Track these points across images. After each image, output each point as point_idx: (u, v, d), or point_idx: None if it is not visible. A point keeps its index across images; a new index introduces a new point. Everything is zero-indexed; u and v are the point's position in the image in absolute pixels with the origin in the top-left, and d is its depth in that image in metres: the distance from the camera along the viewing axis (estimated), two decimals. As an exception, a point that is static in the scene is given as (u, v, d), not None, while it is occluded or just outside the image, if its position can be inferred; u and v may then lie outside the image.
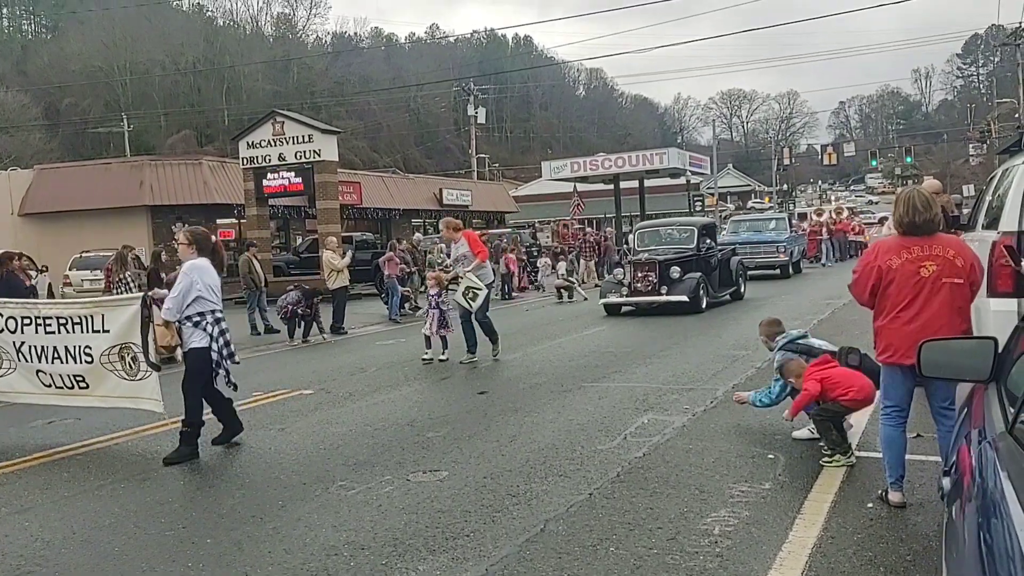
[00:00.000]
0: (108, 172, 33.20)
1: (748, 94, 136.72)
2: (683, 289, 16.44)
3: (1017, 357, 2.74)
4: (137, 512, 5.80)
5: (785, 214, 32.56)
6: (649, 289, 16.65)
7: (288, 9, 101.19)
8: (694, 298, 16.38)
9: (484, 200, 49.73)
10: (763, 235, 26.64)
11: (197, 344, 7.34)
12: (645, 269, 16.83)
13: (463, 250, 11.79)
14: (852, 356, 6.43)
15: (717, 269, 18.49)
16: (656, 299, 16.62)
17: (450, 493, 5.75)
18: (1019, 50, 51.46)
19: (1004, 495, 1.79)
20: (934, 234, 4.86)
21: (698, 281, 16.70)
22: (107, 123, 65.80)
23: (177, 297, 7.22)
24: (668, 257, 17.10)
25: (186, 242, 7.55)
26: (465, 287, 11.57)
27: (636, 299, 16.89)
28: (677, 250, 17.65)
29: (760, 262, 25.10)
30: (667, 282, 16.60)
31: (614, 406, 8.30)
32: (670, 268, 16.73)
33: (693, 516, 5.05)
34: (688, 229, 18.61)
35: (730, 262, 19.38)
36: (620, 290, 17.20)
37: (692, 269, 17.04)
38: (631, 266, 17.35)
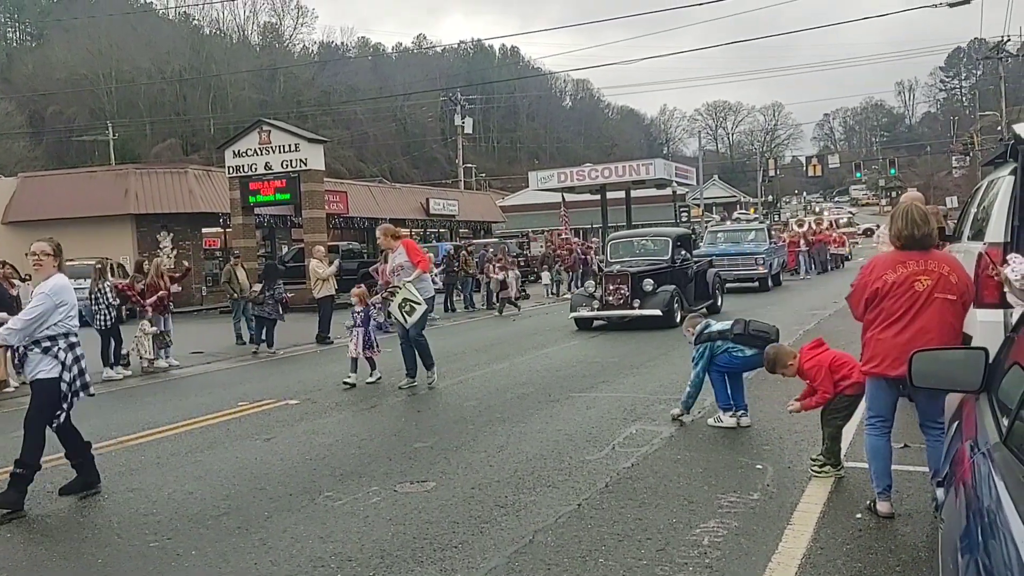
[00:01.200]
0: (93, 180, 33.04)
1: (733, 106, 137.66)
2: (656, 303, 15.85)
3: (1008, 368, 2.74)
4: (121, 523, 5.74)
5: (764, 225, 31.32)
6: (621, 302, 16.06)
7: (275, 18, 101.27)
8: (667, 312, 15.75)
9: (471, 210, 49.75)
10: (742, 247, 25.84)
11: (45, 374, 6.28)
12: (617, 282, 16.26)
13: (401, 259, 10.73)
14: (737, 325, 7.19)
15: (693, 281, 17.92)
16: (628, 313, 16.07)
17: (438, 504, 5.72)
18: (1001, 64, 51.99)
19: (1001, 505, 1.78)
20: (930, 249, 4.88)
21: (672, 294, 16.10)
22: (92, 131, 65.51)
23: (32, 320, 6.15)
24: (641, 269, 16.54)
25: (51, 252, 6.48)
26: (402, 299, 10.47)
27: (607, 313, 16.29)
28: (651, 262, 17.07)
29: (738, 274, 24.46)
30: (639, 295, 16.03)
31: (602, 416, 8.29)
32: (643, 281, 16.17)
33: (682, 527, 5.03)
34: (662, 240, 17.95)
35: (706, 274, 18.82)
36: (591, 303, 16.58)
37: (666, 281, 16.47)
38: (602, 278, 16.79)
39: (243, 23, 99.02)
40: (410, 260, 10.61)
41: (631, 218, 38.48)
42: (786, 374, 6.27)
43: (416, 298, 10.39)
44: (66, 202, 30.75)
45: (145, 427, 9.02)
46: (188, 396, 11.27)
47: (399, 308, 10.45)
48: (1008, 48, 48.84)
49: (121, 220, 30.78)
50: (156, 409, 10.27)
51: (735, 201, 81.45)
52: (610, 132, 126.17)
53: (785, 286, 26.75)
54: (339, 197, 35.59)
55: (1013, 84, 52.55)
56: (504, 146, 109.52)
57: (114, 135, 61.94)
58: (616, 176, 37.31)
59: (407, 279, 10.46)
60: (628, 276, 16.13)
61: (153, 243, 30.31)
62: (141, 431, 8.82)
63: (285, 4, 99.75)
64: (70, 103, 73.19)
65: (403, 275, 10.59)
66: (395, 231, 11.25)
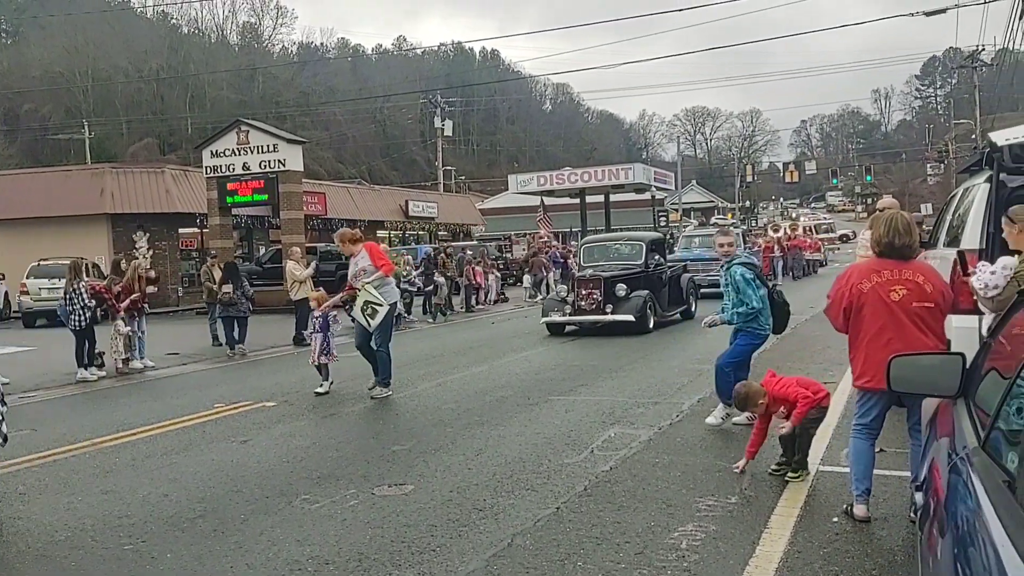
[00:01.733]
0: (68, 179, 32.73)
1: (712, 111, 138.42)
2: (629, 308, 15.58)
3: (985, 373, 2.77)
4: (95, 526, 5.67)
5: (739, 230, 30.77)
6: (593, 307, 15.77)
7: (254, 19, 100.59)
8: (640, 317, 15.51)
9: (450, 212, 49.72)
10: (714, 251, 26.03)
11: None
12: (589, 286, 15.94)
13: (364, 263, 10.29)
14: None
15: (666, 286, 17.54)
16: (600, 318, 15.76)
17: (416, 507, 5.69)
18: (976, 73, 52.62)
19: (981, 509, 1.80)
20: (909, 259, 4.91)
21: (645, 299, 15.81)
22: (68, 130, 64.85)
23: None
24: (614, 274, 16.24)
25: None
26: (364, 301, 10.05)
27: (579, 318, 15.96)
28: (624, 266, 16.75)
29: (713, 279, 24.60)
30: (612, 300, 15.71)
31: (581, 419, 8.29)
32: (615, 285, 15.86)
33: (660, 530, 5.04)
34: (636, 244, 17.57)
35: (680, 279, 18.47)
36: (563, 308, 16.25)
37: (639, 286, 16.17)
38: (575, 283, 16.50)
39: (222, 23, 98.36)
40: (372, 263, 10.21)
41: (610, 222, 38.60)
42: (756, 411, 6.20)
43: (378, 299, 10.03)
44: (40, 201, 30.43)
45: (120, 428, 8.93)
46: (163, 398, 11.17)
47: (361, 311, 10.11)
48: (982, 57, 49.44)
49: (96, 220, 30.48)
50: (131, 410, 10.17)
51: (713, 206, 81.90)
52: (590, 136, 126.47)
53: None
54: (317, 198, 35.47)
55: (987, 93, 53.09)
56: (484, 149, 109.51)
57: (90, 134, 61.38)
58: (595, 180, 37.44)
59: (367, 280, 10.11)
60: (601, 281, 15.89)
61: (129, 243, 29.99)
62: (116, 432, 8.73)
63: (264, 4, 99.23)
64: (45, 101, 72.34)
65: (364, 279, 10.19)
66: (354, 235, 10.70)
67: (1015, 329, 2.63)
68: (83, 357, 13.02)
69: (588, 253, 18.18)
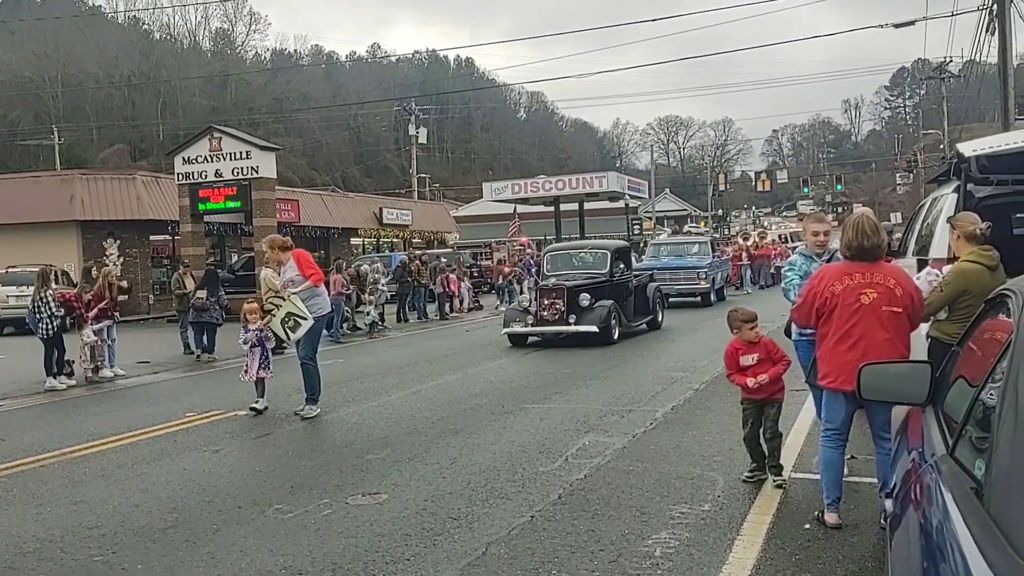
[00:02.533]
0: (37, 186, 32.32)
1: (684, 121, 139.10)
2: (593, 318, 15.11)
3: (953, 381, 2.81)
4: (64, 537, 5.60)
5: (708, 238, 30.15)
6: (556, 318, 15.23)
7: (227, 24, 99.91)
8: (604, 328, 15.08)
9: (424, 220, 49.62)
10: (684, 260, 24.86)
11: None
12: (552, 296, 15.42)
13: (292, 273, 9.60)
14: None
15: (632, 296, 17.11)
16: (563, 329, 15.25)
17: (390, 516, 5.67)
18: (944, 84, 53.38)
19: (949, 516, 1.82)
20: (878, 260, 4.97)
21: (609, 310, 15.39)
22: (37, 135, 64.06)
23: None
24: (577, 283, 15.78)
25: None
26: (285, 312, 9.35)
27: (541, 329, 15.45)
28: (588, 275, 16.35)
29: (680, 288, 23.62)
30: (575, 310, 15.21)
31: (555, 427, 8.31)
32: (579, 295, 15.37)
33: (634, 538, 5.05)
34: (601, 253, 17.13)
35: (647, 289, 18.02)
36: (525, 318, 15.67)
37: (604, 296, 15.78)
38: (537, 292, 16.01)
39: (194, 28, 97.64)
40: (301, 273, 9.55)
41: (584, 230, 38.69)
42: (745, 335, 6.04)
43: (302, 312, 9.31)
44: (9, 208, 30.03)
45: (90, 438, 8.82)
46: (134, 406, 11.05)
47: (281, 323, 9.37)
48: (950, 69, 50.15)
49: (66, 226, 30.11)
50: (101, 420, 10.05)
51: (687, 214, 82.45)
52: (564, 144, 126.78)
53: (729, 301, 24.71)
54: (291, 206, 35.24)
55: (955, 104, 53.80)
56: (458, 157, 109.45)
57: (60, 140, 60.66)
58: (570, 188, 37.47)
59: (293, 291, 9.48)
60: (564, 290, 15.40)
61: (99, 250, 29.65)
62: (85, 442, 8.62)
63: (238, 10, 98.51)
64: (14, 106, 71.47)
65: (292, 289, 9.55)
66: (284, 242, 9.97)
67: (982, 337, 2.67)
68: (52, 366, 12.86)
69: (552, 262, 17.68)
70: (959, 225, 5.51)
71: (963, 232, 5.46)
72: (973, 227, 5.42)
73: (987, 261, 5.23)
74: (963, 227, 5.48)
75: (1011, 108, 21.48)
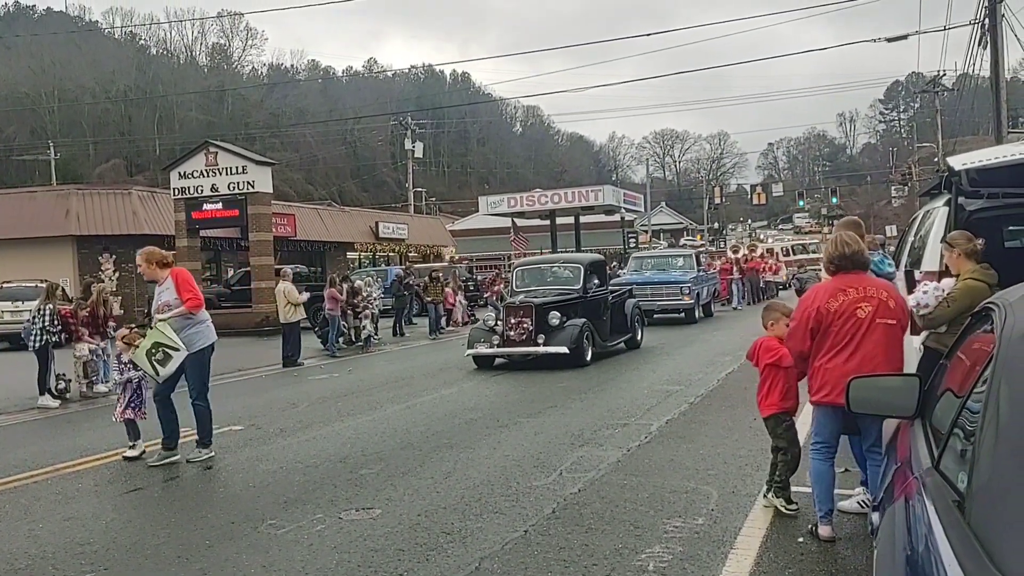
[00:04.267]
0: (33, 201, 32.35)
1: (680, 134, 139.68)
2: (563, 339, 13.97)
3: (941, 394, 2.82)
4: (56, 554, 5.57)
5: (692, 251, 28.32)
6: (523, 338, 14.13)
7: (223, 40, 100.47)
8: (576, 349, 13.94)
9: (421, 234, 49.66)
10: (667, 275, 23.35)
11: None
12: (519, 314, 14.29)
13: (168, 296, 8.13)
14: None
15: (608, 313, 16.02)
16: (531, 350, 14.12)
17: (383, 531, 5.66)
18: (937, 97, 53.66)
19: (932, 529, 1.83)
20: (866, 270, 5.00)
21: (581, 329, 14.19)
22: (33, 151, 64.11)
23: None
24: (546, 300, 14.62)
25: None
26: (152, 343, 7.89)
27: (508, 350, 14.34)
28: (560, 291, 15.20)
29: (663, 304, 22.26)
30: (544, 330, 14.09)
31: (550, 441, 8.30)
32: (548, 313, 14.23)
33: (628, 552, 5.05)
34: (574, 267, 15.94)
35: (625, 305, 16.90)
36: (491, 339, 14.54)
37: (576, 314, 14.63)
38: (504, 311, 14.84)
39: (191, 43, 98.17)
40: (178, 296, 8.08)
41: (580, 243, 38.79)
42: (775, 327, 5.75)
43: (172, 342, 7.90)
44: (5, 223, 30.05)
45: (83, 453, 8.80)
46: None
47: (147, 355, 7.88)
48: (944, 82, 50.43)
49: (62, 241, 30.12)
50: (95, 435, 10.02)
51: (683, 227, 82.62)
52: (560, 158, 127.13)
53: (718, 317, 24.82)
54: (287, 220, 35.28)
55: (949, 117, 54.09)
56: (455, 171, 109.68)
57: (56, 155, 60.70)
58: (565, 202, 37.63)
59: (163, 317, 8.01)
60: (532, 308, 14.24)
61: (95, 265, 29.67)
62: (78, 458, 8.60)
63: (234, 25, 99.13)
64: (10, 121, 71.61)
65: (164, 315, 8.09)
66: (163, 257, 8.40)
67: (968, 349, 2.69)
68: (44, 382, 12.77)
69: (520, 277, 16.44)
70: (959, 243, 5.52)
71: (964, 250, 5.47)
72: (972, 244, 5.45)
73: (990, 280, 5.26)
74: (963, 245, 5.49)
75: (1004, 121, 21.60)
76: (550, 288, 15.50)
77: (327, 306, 19.06)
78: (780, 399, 5.67)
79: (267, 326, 24.51)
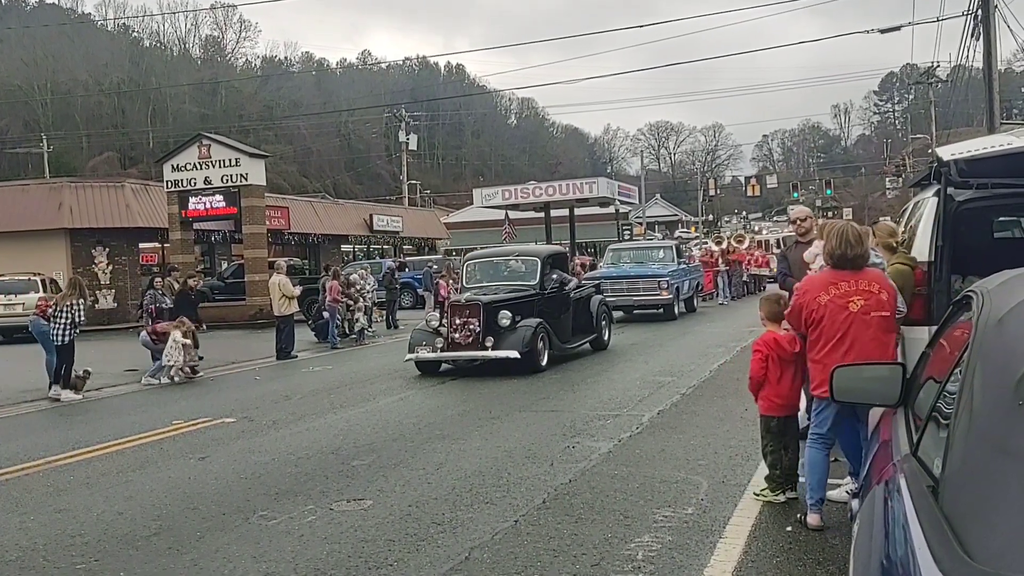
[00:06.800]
0: (25, 193, 32.18)
1: (675, 126, 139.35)
2: (514, 341, 12.49)
3: (923, 382, 2.83)
4: (47, 546, 5.58)
5: (673, 243, 26.58)
6: (469, 341, 12.65)
7: (217, 32, 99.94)
8: (528, 353, 12.41)
9: (415, 226, 49.63)
10: (645, 268, 21.68)
11: None
12: (465, 314, 12.80)
13: None
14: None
15: (569, 312, 14.45)
16: (477, 355, 12.69)
17: (374, 522, 5.68)
18: (931, 89, 53.71)
19: (906, 515, 1.85)
20: (863, 269, 5.02)
21: (535, 330, 12.68)
22: (26, 143, 63.89)
23: None
24: (495, 298, 13.13)
25: None
26: None
27: (452, 354, 12.86)
28: (513, 288, 13.74)
29: (639, 300, 20.84)
30: (493, 331, 12.62)
31: (541, 432, 8.32)
32: (498, 313, 12.73)
33: (617, 542, 5.07)
34: (530, 261, 14.37)
35: (590, 302, 15.29)
36: (434, 342, 12.96)
37: (530, 313, 13.15)
38: (449, 309, 13.34)
39: (184, 36, 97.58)
40: None
41: (575, 236, 38.76)
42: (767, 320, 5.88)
43: None
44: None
45: (75, 446, 8.81)
46: (121, 415, 11.03)
47: None
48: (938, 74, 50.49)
49: (55, 234, 29.97)
50: (87, 428, 10.02)
51: (677, 219, 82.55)
52: (555, 150, 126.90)
53: (701, 312, 23.66)
54: (280, 213, 35.17)
55: (943, 108, 54.13)
56: (449, 163, 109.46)
57: (49, 148, 60.45)
58: (560, 194, 37.53)
59: None
60: (479, 307, 12.75)
61: (88, 258, 29.59)
62: (71, 451, 8.61)
63: (228, 18, 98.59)
64: (3, 114, 71.26)
65: None
66: None
67: (949, 337, 2.70)
68: (59, 374, 12.45)
69: (471, 273, 14.82)
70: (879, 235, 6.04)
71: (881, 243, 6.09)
72: (891, 240, 6.04)
73: (911, 262, 5.82)
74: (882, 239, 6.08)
75: (996, 112, 21.62)
76: (504, 284, 14.08)
77: (328, 298, 18.99)
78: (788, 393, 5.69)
79: (260, 319, 24.48)
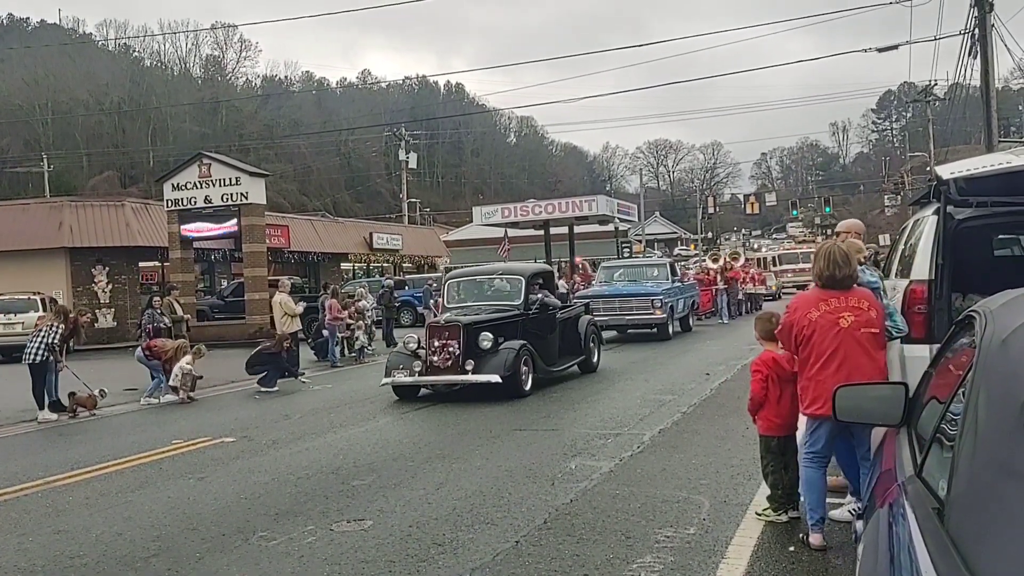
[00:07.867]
0: (25, 213, 32.25)
1: (674, 144, 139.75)
2: (495, 365, 11.91)
3: (926, 402, 2.83)
4: (46, 567, 5.55)
5: (667, 260, 26.24)
6: (449, 364, 12.07)
7: (217, 52, 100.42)
8: (510, 377, 11.86)
9: (415, 245, 49.69)
10: (638, 286, 21.14)
11: None
12: (444, 336, 12.24)
13: None
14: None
15: (556, 333, 13.93)
16: (456, 379, 12.12)
17: (375, 543, 5.65)
18: (929, 107, 53.92)
19: (911, 537, 1.84)
20: (851, 288, 5.04)
21: (518, 353, 12.15)
22: (26, 163, 64.02)
23: None
24: (477, 319, 12.63)
25: None
26: None
27: (430, 379, 12.25)
28: (496, 308, 13.24)
29: (632, 319, 20.36)
30: (474, 354, 12.07)
31: (542, 452, 8.29)
32: (479, 335, 12.19)
33: (619, 562, 5.04)
34: (514, 279, 13.84)
35: (578, 323, 14.80)
36: (412, 365, 12.37)
37: (514, 335, 12.66)
38: (428, 331, 12.83)
39: (185, 55, 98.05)
40: None
41: (574, 253, 38.80)
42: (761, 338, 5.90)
43: None
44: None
45: (74, 466, 8.77)
46: (120, 435, 10.99)
47: None
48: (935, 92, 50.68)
49: (55, 253, 30.02)
50: (86, 448, 9.99)
51: (677, 237, 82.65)
52: (554, 168, 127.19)
53: (696, 332, 23.01)
54: (280, 231, 35.27)
55: (941, 126, 54.36)
56: (449, 181, 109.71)
57: (49, 167, 60.63)
58: (559, 212, 37.61)
59: None
60: (459, 328, 12.23)
61: (87, 277, 29.63)
62: (70, 471, 8.57)
63: (228, 37, 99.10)
64: (3, 134, 71.49)
65: None
66: None
67: (952, 358, 2.70)
68: (42, 397, 12.60)
69: (452, 292, 14.27)
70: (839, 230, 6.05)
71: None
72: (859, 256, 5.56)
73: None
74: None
75: (994, 130, 21.71)
76: (486, 304, 13.60)
77: (328, 317, 19.00)
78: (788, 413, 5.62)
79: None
